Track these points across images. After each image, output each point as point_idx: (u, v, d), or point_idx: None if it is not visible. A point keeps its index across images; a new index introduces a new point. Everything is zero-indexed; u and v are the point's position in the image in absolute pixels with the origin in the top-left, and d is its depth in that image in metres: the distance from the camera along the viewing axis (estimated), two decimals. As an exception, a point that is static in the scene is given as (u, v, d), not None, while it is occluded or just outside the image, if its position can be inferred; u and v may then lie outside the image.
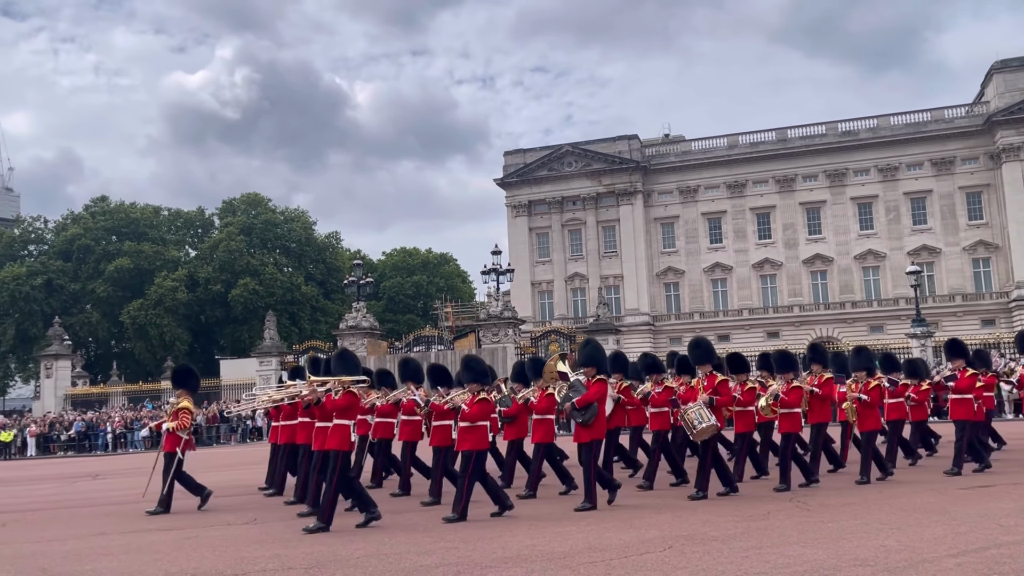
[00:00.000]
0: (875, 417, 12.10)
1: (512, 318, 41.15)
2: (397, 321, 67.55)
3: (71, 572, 7.54)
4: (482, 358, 11.46)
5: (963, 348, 13.63)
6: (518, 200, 64.18)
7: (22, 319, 60.79)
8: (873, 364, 13.08)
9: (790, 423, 11.63)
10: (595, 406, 10.09)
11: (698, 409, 10.84)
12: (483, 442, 9.87)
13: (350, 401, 9.40)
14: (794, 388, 11.74)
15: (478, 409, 9.77)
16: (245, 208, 68.20)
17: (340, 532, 9.14)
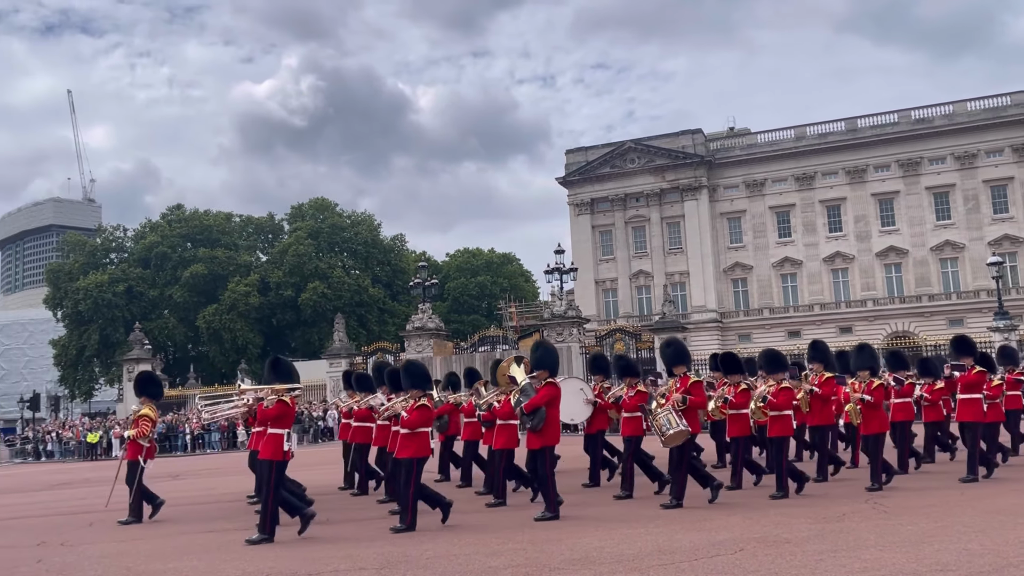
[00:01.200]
0: (880, 419, 11.34)
1: (576, 317, 41.01)
2: (462, 321, 68.05)
3: (154, 571, 7.82)
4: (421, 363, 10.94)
5: (971, 345, 12.83)
6: (580, 198, 63.91)
7: (105, 325, 63.34)
8: (877, 363, 12.23)
9: (780, 427, 10.95)
10: (543, 411, 9.71)
11: (667, 414, 10.26)
12: (424, 449, 9.46)
13: (283, 410, 9.27)
14: (783, 389, 11.06)
15: (417, 416, 9.41)
16: (313, 213, 69.70)
17: (414, 532, 9.26)
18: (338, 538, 9.17)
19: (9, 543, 10.26)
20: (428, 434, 9.66)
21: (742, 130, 66.41)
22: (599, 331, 45.25)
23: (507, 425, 11.15)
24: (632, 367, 12.34)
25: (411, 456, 9.33)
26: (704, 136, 63.00)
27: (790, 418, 11.08)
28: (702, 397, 10.71)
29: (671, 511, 9.99)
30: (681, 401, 10.27)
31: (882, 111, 59.34)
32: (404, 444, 9.42)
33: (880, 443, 11.14)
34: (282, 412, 9.27)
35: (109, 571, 7.93)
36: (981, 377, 12.05)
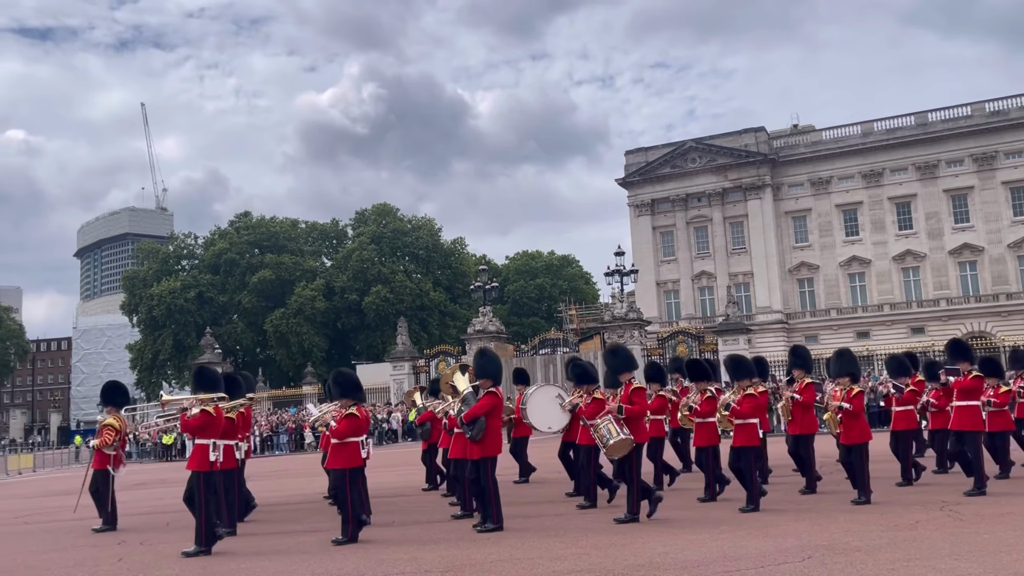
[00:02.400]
0: (861, 428, 10.66)
1: (637, 319, 40.73)
2: (522, 324, 68.21)
3: (228, 571, 8.08)
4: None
5: (967, 349, 11.95)
6: (640, 199, 63.43)
7: (178, 330, 65.46)
8: (858, 369, 11.54)
9: (744, 436, 10.38)
10: (482, 421, 9.44)
11: (607, 424, 9.83)
12: (355, 459, 9.31)
13: (205, 420, 9.25)
14: (747, 396, 10.44)
15: (346, 425, 9.26)
16: (376, 218, 70.78)
17: (475, 535, 9.36)
18: (404, 540, 9.32)
19: (92, 542, 10.70)
20: (359, 444, 9.37)
21: (806, 127, 65.02)
22: (661, 333, 44.85)
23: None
24: (589, 374, 11.46)
25: (342, 467, 9.24)
26: (767, 134, 61.90)
27: (755, 427, 10.43)
28: (642, 406, 10.13)
29: (747, 515, 9.87)
30: (618, 410, 9.80)
31: (953, 104, 57.44)
32: (334, 454, 9.34)
33: (862, 453, 10.55)
34: (206, 422, 9.26)
35: (185, 570, 8.22)
36: (978, 383, 11.23)
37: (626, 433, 9.70)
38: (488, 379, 9.79)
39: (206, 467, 9.12)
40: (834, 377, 11.34)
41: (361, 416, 9.46)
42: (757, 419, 10.51)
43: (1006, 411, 12.29)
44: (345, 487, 9.21)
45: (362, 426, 9.48)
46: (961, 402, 11.21)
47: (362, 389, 9.92)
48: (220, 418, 9.58)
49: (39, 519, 11.80)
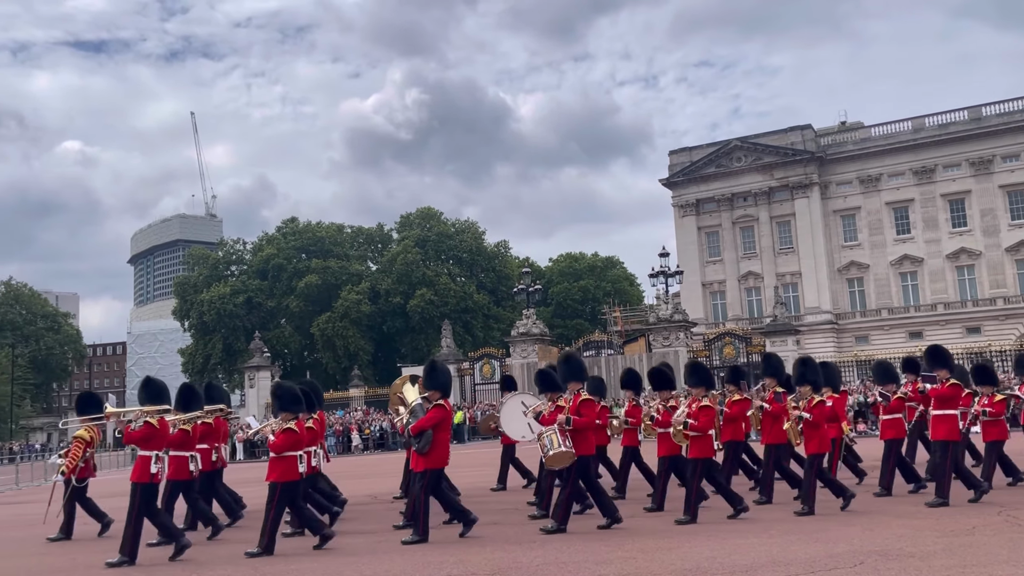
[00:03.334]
0: (820, 439, 10.38)
1: (683, 321, 40.37)
2: (566, 326, 68.06)
3: (279, 571, 8.22)
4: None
5: (945, 356, 11.22)
6: (685, 199, 62.87)
7: (228, 334, 66.74)
8: (820, 377, 11.12)
9: (699, 448, 10.07)
10: (429, 433, 9.33)
11: (551, 434, 9.61)
12: (292, 473, 9.27)
13: (149, 432, 9.24)
14: (703, 408, 10.11)
15: (283, 440, 9.25)
16: (420, 222, 71.32)
17: (520, 538, 9.37)
18: (451, 542, 9.37)
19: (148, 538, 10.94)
20: (296, 458, 9.32)
21: (855, 124, 63.81)
22: (707, 335, 44.39)
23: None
24: (551, 380, 11.12)
25: (276, 480, 9.24)
26: (814, 131, 60.89)
27: (710, 439, 10.11)
28: (590, 417, 9.89)
29: (801, 518, 9.73)
30: (566, 421, 9.58)
31: (1008, 97, 55.80)
32: (271, 467, 9.35)
33: (816, 463, 10.31)
34: (149, 434, 9.26)
35: (238, 569, 8.37)
36: (955, 391, 10.73)
37: (568, 446, 9.51)
38: (437, 391, 9.74)
39: (146, 479, 9.14)
40: (795, 386, 11.03)
41: (300, 430, 9.44)
42: (713, 431, 10.18)
43: (1002, 420, 11.91)
44: (273, 501, 9.20)
45: (301, 440, 9.46)
46: (938, 411, 10.70)
47: (302, 402, 9.92)
48: (165, 430, 9.57)
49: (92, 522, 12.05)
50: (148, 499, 9.15)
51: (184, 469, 10.58)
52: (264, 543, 9.07)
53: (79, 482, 11.27)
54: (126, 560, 8.86)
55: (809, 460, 10.39)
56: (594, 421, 10.15)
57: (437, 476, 9.57)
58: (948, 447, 10.51)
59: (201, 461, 11.07)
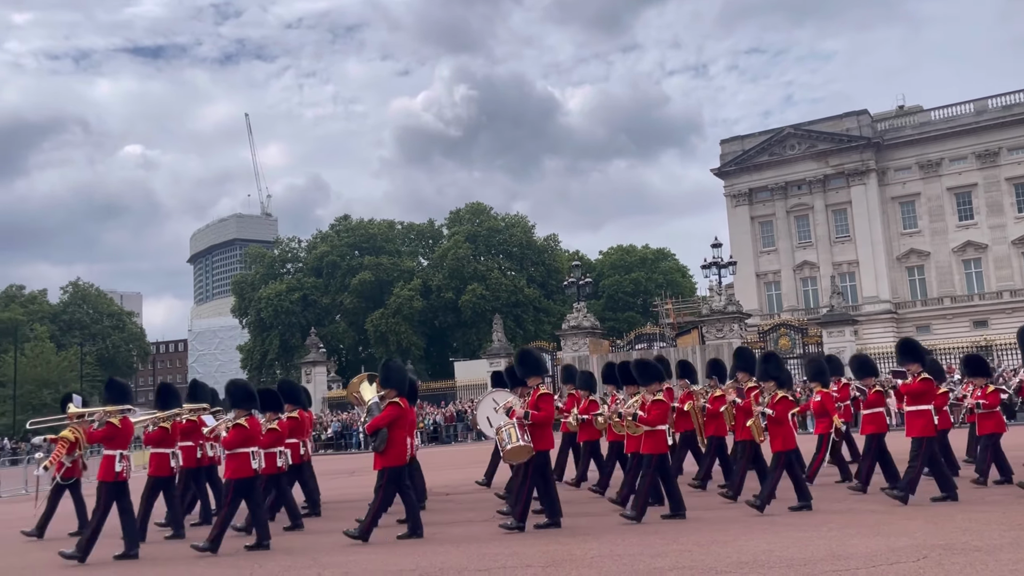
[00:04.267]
0: (785, 435, 10.11)
1: (737, 312, 39.83)
2: (617, 319, 67.70)
3: (337, 563, 8.38)
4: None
5: (917, 350, 10.98)
6: (737, 189, 61.92)
7: (284, 331, 68.04)
8: (785, 373, 10.84)
9: (653, 443, 9.88)
10: (384, 432, 9.38)
11: (509, 428, 9.55)
12: (246, 469, 9.33)
13: (111, 432, 9.46)
14: (656, 402, 9.92)
15: (234, 436, 9.38)
16: (470, 217, 71.65)
17: (575, 531, 9.39)
18: (505, 535, 9.43)
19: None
20: (249, 454, 9.39)
21: (913, 108, 62.04)
22: (762, 326, 43.72)
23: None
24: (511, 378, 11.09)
25: (228, 477, 9.45)
26: (870, 117, 59.37)
27: (663, 434, 9.95)
28: (548, 412, 9.79)
29: (844, 515, 9.56)
30: (524, 416, 9.57)
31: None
32: (227, 464, 9.53)
33: (781, 461, 10.09)
34: (111, 434, 9.48)
35: (297, 562, 8.57)
36: (927, 385, 10.43)
37: (526, 440, 9.48)
38: (393, 389, 9.73)
39: (111, 477, 9.33)
40: (759, 380, 10.84)
41: (251, 427, 9.54)
42: (666, 426, 10.06)
43: (997, 412, 11.64)
44: (227, 497, 9.44)
45: (252, 436, 9.55)
46: (912, 407, 10.38)
47: (255, 399, 10.09)
48: (128, 430, 9.76)
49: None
50: (112, 497, 9.34)
51: (165, 466, 10.88)
52: (212, 536, 9.18)
53: (64, 480, 11.27)
54: (78, 556, 9.07)
55: (775, 457, 10.16)
56: (552, 416, 9.97)
57: (397, 473, 9.58)
58: (922, 443, 10.24)
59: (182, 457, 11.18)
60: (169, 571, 8.62)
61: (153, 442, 10.89)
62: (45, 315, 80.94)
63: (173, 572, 8.55)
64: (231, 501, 9.36)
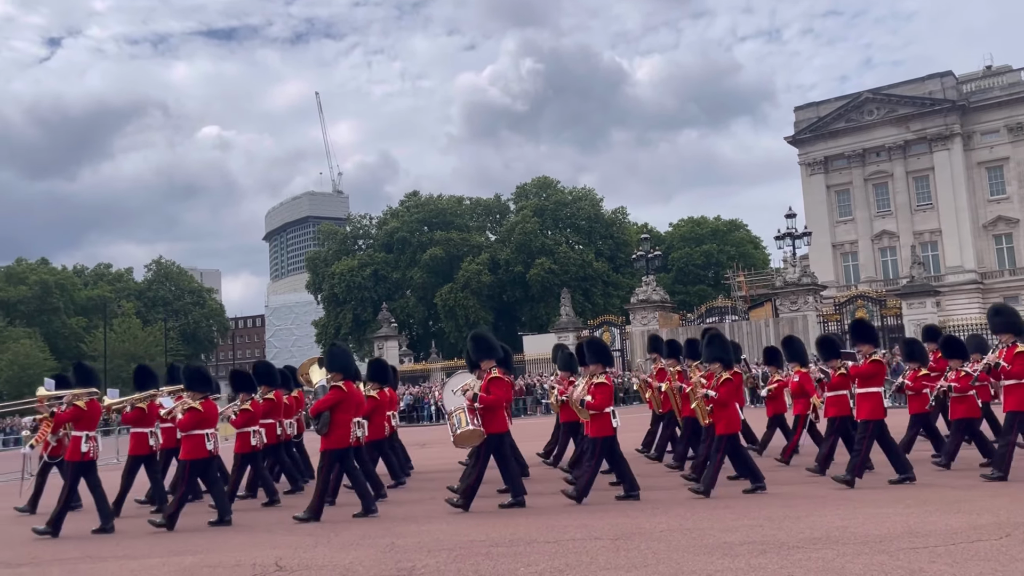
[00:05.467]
0: (729, 418, 9.85)
1: (812, 284, 38.91)
2: (688, 292, 66.86)
3: (410, 531, 8.60)
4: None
5: (870, 330, 10.73)
6: (812, 157, 60.13)
7: (356, 306, 69.47)
8: (730, 354, 10.46)
9: (598, 426, 9.75)
10: (326, 415, 9.48)
11: (459, 412, 9.61)
12: (200, 450, 9.66)
13: (76, 414, 9.91)
14: (599, 385, 9.78)
15: (188, 418, 9.69)
16: (537, 191, 71.52)
17: (645, 505, 9.40)
18: (575, 507, 9.51)
19: (289, 504, 11.65)
20: (204, 436, 9.72)
21: (1002, 68, 58.95)
22: (838, 298, 42.57)
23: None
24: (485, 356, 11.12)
25: (183, 459, 9.83)
26: (955, 78, 56.71)
27: (608, 417, 9.77)
28: (498, 395, 9.72)
29: (922, 491, 9.31)
30: (473, 399, 9.58)
31: None
32: (183, 445, 9.88)
33: (723, 445, 9.84)
34: (76, 415, 9.93)
35: (372, 531, 8.81)
36: (876, 367, 10.11)
37: (476, 424, 9.55)
38: (338, 373, 9.81)
39: (77, 457, 9.80)
40: (705, 363, 10.60)
41: (205, 410, 9.82)
42: (612, 408, 9.88)
43: (971, 396, 11.20)
44: (184, 478, 9.79)
45: (207, 419, 9.81)
46: (861, 389, 10.12)
47: (211, 382, 10.43)
48: (96, 411, 10.23)
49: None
50: (79, 475, 9.87)
51: (144, 444, 11.19)
52: (168, 513, 9.61)
53: (50, 459, 11.58)
54: (48, 531, 9.58)
55: (717, 440, 9.98)
56: (503, 399, 9.89)
57: (339, 456, 9.71)
58: (868, 426, 10.00)
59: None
60: (238, 538, 8.97)
61: (131, 422, 11.30)
62: (131, 292, 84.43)
63: (240, 539, 8.89)
64: (188, 481, 9.83)
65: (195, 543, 8.68)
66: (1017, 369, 9.90)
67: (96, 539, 9.44)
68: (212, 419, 10.01)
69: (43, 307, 75.15)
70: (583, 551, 7.00)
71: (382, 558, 7.21)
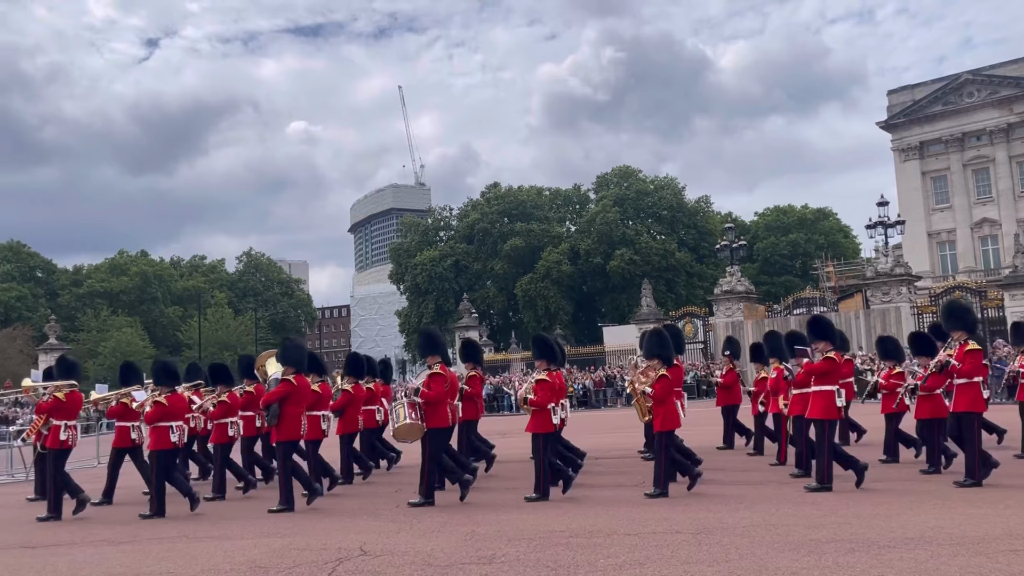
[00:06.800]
0: (666, 415, 9.69)
1: (905, 275, 37.40)
2: (773, 283, 65.18)
3: (492, 520, 8.68)
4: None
5: (827, 327, 10.24)
6: (907, 142, 57.72)
7: (438, 296, 70.42)
8: (669, 351, 10.07)
9: (536, 422, 9.93)
10: (275, 407, 9.81)
11: (399, 407, 9.69)
12: (164, 441, 10.16)
13: (55, 404, 10.61)
14: (540, 381, 9.91)
15: (154, 411, 10.25)
16: (617, 181, 70.89)
17: (728, 499, 9.25)
18: (655, 501, 9.42)
19: (370, 491, 11.92)
20: (168, 428, 10.21)
21: (1118, 42, 55.22)
22: (934, 289, 40.80)
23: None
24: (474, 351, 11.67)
25: (152, 448, 10.25)
26: (1064, 56, 53.45)
27: (548, 414, 9.86)
28: (438, 390, 9.80)
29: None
30: (414, 392, 9.74)
31: None
32: (151, 436, 10.40)
33: (665, 441, 9.70)
34: (56, 406, 10.64)
35: (452, 519, 8.94)
36: (830, 365, 9.64)
37: (414, 418, 9.62)
38: (290, 367, 10.11)
39: (57, 445, 10.54)
40: (645, 358, 10.33)
41: (170, 403, 10.41)
42: (553, 404, 9.91)
43: (937, 395, 10.54)
44: (154, 469, 10.25)
45: (171, 412, 10.39)
46: (816, 387, 9.68)
47: (178, 378, 11.17)
48: (76, 402, 10.92)
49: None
50: (61, 461, 10.61)
51: (127, 438, 11.64)
52: (154, 507, 10.04)
53: (43, 449, 11.53)
54: (52, 516, 10.28)
55: (658, 437, 9.86)
56: (443, 394, 9.93)
57: (291, 448, 10.24)
58: (824, 426, 9.52)
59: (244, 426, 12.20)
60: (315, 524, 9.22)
61: (115, 416, 11.75)
62: (224, 283, 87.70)
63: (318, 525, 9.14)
64: (160, 469, 10.25)
65: (283, 526, 8.99)
66: (968, 368, 9.48)
67: (192, 519, 9.89)
68: (179, 412, 10.67)
69: (143, 297, 78.83)
70: (664, 544, 6.94)
71: (462, 546, 7.31)
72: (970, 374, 9.50)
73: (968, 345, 9.60)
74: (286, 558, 7.20)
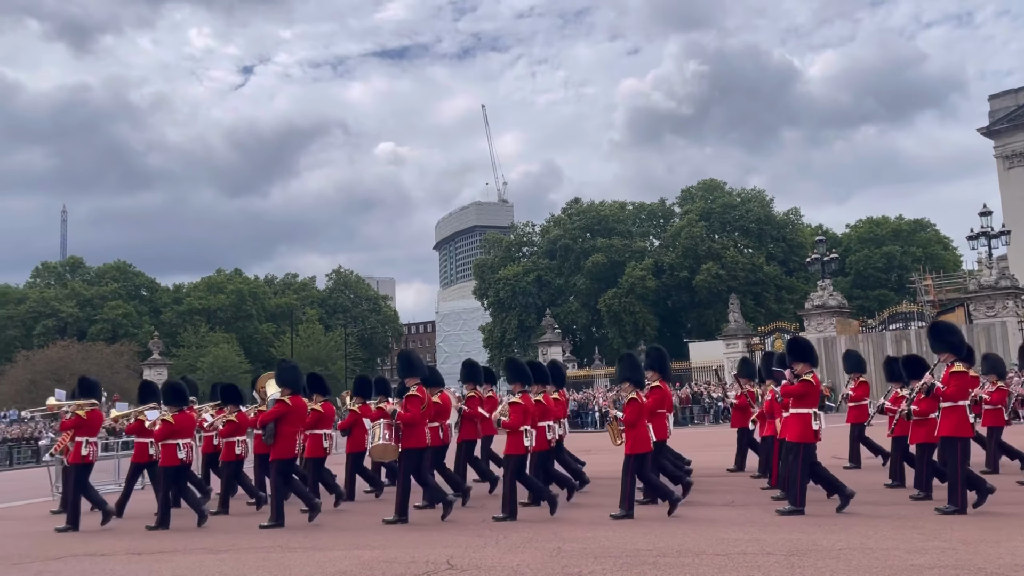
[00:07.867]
0: (636, 438, 9.66)
1: (1012, 288, 35.60)
2: (867, 297, 62.90)
3: (578, 537, 8.64)
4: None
5: (807, 350, 9.89)
6: (1011, 148, 54.96)
7: (521, 311, 70.67)
8: (641, 374, 10.22)
9: (512, 444, 10.02)
10: (271, 426, 10.16)
11: (374, 427, 10.04)
12: (172, 459, 10.71)
13: (77, 422, 11.05)
14: (513, 404, 10.07)
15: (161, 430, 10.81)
16: (702, 194, 69.82)
17: (820, 518, 8.96)
18: (746, 521, 9.21)
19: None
20: (175, 446, 10.71)
21: None
22: (1043, 302, 38.53)
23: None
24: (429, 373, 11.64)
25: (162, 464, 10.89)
26: None
27: (520, 436, 9.95)
28: (412, 412, 9.87)
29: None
30: (392, 414, 9.94)
31: None
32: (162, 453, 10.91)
33: (637, 464, 9.70)
34: (78, 423, 11.07)
35: (539, 535, 8.93)
36: (806, 387, 9.41)
37: (387, 439, 9.92)
38: (287, 387, 10.62)
39: (78, 460, 11.03)
40: (616, 382, 10.26)
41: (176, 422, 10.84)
42: (528, 427, 10.06)
43: (931, 420, 9.68)
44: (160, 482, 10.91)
45: (179, 431, 10.85)
46: (793, 410, 9.52)
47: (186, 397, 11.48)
48: (96, 420, 11.40)
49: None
50: (83, 475, 11.12)
51: (144, 453, 11.84)
52: (158, 520, 10.62)
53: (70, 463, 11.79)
54: (70, 527, 10.84)
55: (626, 461, 9.78)
56: (418, 416, 10.00)
57: (285, 465, 10.56)
58: (800, 449, 9.35)
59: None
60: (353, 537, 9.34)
61: (133, 432, 12.14)
62: (315, 300, 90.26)
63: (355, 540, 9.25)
64: (165, 484, 10.84)
65: (372, 539, 9.17)
66: (952, 391, 9.03)
67: (286, 530, 10.17)
68: (186, 430, 11.15)
69: (238, 314, 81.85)
70: (754, 565, 6.78)
71: (549, 562, 7.30)
72: (954, 397, 9.13)
73: (954, 367, 9.26)
74: (375, 570, 7.35)
